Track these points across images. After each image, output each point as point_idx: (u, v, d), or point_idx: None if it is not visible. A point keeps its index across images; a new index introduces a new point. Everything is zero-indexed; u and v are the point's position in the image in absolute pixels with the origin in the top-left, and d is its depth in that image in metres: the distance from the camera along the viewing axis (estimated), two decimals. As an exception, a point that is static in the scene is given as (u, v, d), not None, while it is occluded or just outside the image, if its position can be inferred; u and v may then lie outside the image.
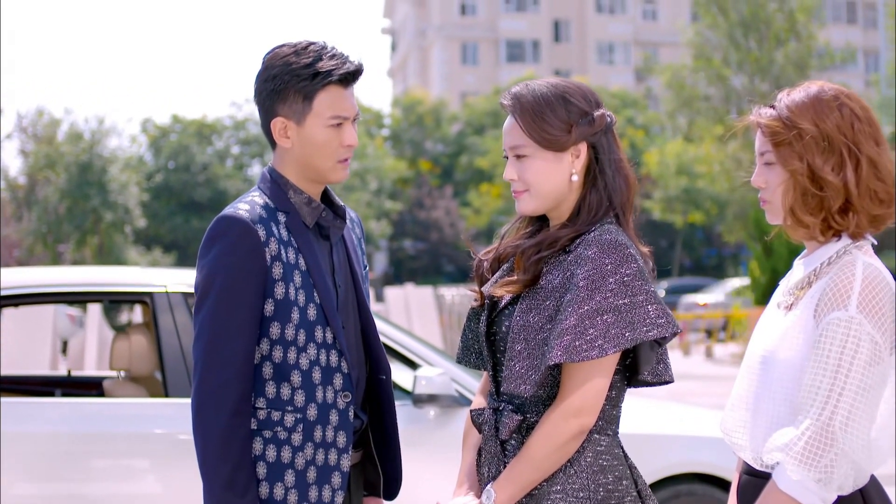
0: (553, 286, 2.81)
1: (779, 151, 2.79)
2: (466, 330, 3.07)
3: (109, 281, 5.64)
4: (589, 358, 2.70)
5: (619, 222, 2.90)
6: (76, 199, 38.62)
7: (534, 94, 2.88)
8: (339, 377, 3.04)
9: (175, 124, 54.04)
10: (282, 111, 3.06)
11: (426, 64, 72.48)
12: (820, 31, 32.02)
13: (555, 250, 2.85)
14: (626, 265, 2.75)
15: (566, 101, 2.87)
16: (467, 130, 57.25)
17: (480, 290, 3.01)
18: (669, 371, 2.92)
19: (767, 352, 2.78)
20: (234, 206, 3.02)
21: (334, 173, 3.09)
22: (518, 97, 2.90)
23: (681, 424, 6.07)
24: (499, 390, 2.91)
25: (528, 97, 2.88)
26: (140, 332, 5.86)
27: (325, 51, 3.06)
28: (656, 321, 2.75)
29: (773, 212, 2.85)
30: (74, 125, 39.84)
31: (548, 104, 2.86)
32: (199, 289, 2.99)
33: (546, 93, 2.88)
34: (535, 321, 2.80)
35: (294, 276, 2.99)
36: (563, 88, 2.89)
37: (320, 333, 3.01)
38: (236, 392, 2.93)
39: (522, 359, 2.79)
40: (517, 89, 2.92)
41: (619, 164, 2.92)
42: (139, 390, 5.78)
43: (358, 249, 3.27)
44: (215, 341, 2.93)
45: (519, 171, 2.89)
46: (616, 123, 2.95)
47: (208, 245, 2.99)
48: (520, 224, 3.06)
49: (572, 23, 69.01)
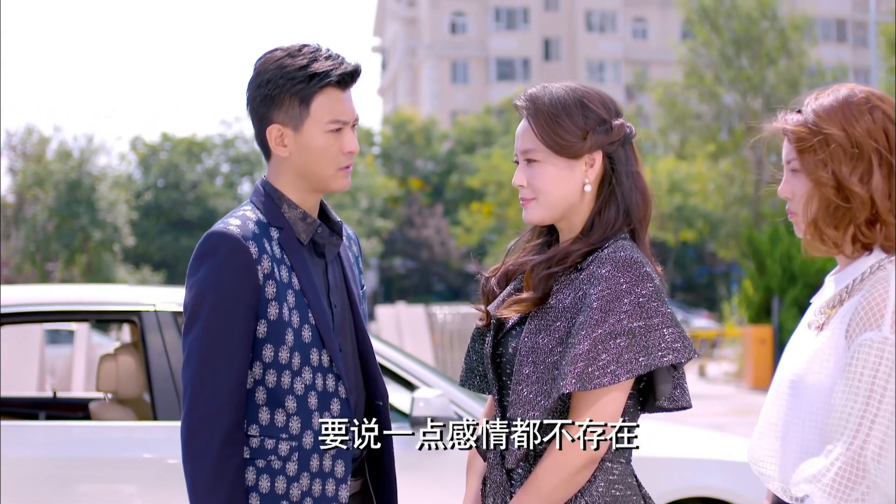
0: (564, 306, 2.66)
1: (804, 159, 2.62)
2: (471, 351, 2.91)
3: (96, 299, 5.50)
4: (601, 385, 2.55)
5: (635, 238, 2.75)
6: (65, 217, 38.67)
7: (550, 97, 2.73)
8: (336, 403, 2.88)
9: (165, 142, 54.16)
10: (277, 118, 2.90)
11: (416, 82, 72.51)
12: (812, 50, 32.12)
13: (566, 267, 2.70)
14: (641, 285, 2.60)
15: (584, 107, 2.72)
16: (458, 149, 57.19)
17: (486, 309, 2.85)
18: (687, 396, 2.75)
19: (796, 375, 2.61)
20: (224, 222, 2.86)
21: (336, 181, 2.93)
22: (534, 99, 2.75)
23: (685, 447, 5.91)
24: (505, 416, 2.74)
25: (544, 99, 2.73)
26: (128, 353, 5.71)
27: (321, 52, 2.91)
28: (672, 345, 2.60)
29: (800, 225, 2.68)
30: (63, 143, 40.00)
31: (564, 108, 2.71)
32: (188, 309, 2.83)
33: (563, 96, 2.73)
34: (545, 343, 2.64)
35: (287, 296, 2.84)
36: (581, 93, 2.74)
37: (316, 356, 2.86)
38: (228, 419, 2.77)
39: (531, 383, 2.63)
40: (533, 91, 2.77)
41: (637, 177, 2.77)
42: (127, 413, 5.63)
43: (355, 268, 3.12)
44: (205, 365, 2.78)
45: (529, 176, 2.74)
46: (635, 136, 2.80)
47: (197, 263, 2.83)
48: (529, 238, 2.90)
49: (562, 41, 69.14)
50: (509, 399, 2.69)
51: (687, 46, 33.27)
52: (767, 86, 31.13)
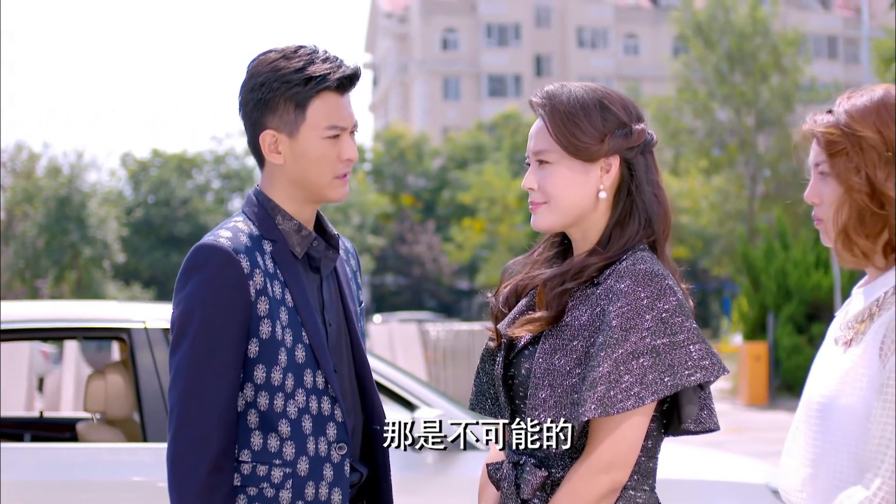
0: (581, 323, 2.48)
1: (834, 163, 2.44)
2: (480, 372, 2.73)
3: (84, 316, 5.32)
4: (624, 409, 2.37)
5: (655, 251, 2.58)
6: (54, 233, 38.63)
7: (569, 95, 2.57)
8: (332, 427, 2.72)
9: (155, 158, 54.13)
10: (271, 123, 2.74)
11: (408, 98, 72.49)
12: (806, 66, 32.18)
13: (581, 281, 2.52)
14: (663, 299, 2.43)
15: (604, 108, 2.55)
16: (449, 165, 57.10)
17: (496, 327, 2.67)
18: (714, 417, 2.58)
19: (826, 398, 2.42)
20: (214, 234, 2.70)
21: (333, 190, 2.77)
22: (551, 96, 2.58)
23: (697, 468, 5.69)
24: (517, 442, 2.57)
25: (561, 97, 2.57)
26: (117, 372, 5.52)
27: (317, 55, 2.75)
28: (700, 363, 2.43)
29: (828, 232, 2.50)
30: (53, 159, 40.05)
31: (583, 107, 2.54)
32: (176, 326, 2.66)
33: (583, 95, 2.56)
34: (562, 364, 2.46)
35: (280, 313, 2.67)
36: (602, 94, 2.58)
37: (310, 377, 2.69)
38: (217, 445, 2.61)
39: (548, 408, 2.46)
40: (551, 88, 2.60)
41: (658, 187, 2.61)
42: (115, 434, 5.43)
43: (352, 283, 2.95)
44: (193, 387, 2.62)
45: (540, 179, 2.58)
46: (657, 144, 2.63)
47: (185, 277, 2.67)
48: (541, 251, 2.73)
49: (554, 57, 69.18)
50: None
51: (681, 61, 33.28)
52: (761, 101, 31.12)
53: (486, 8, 68.36)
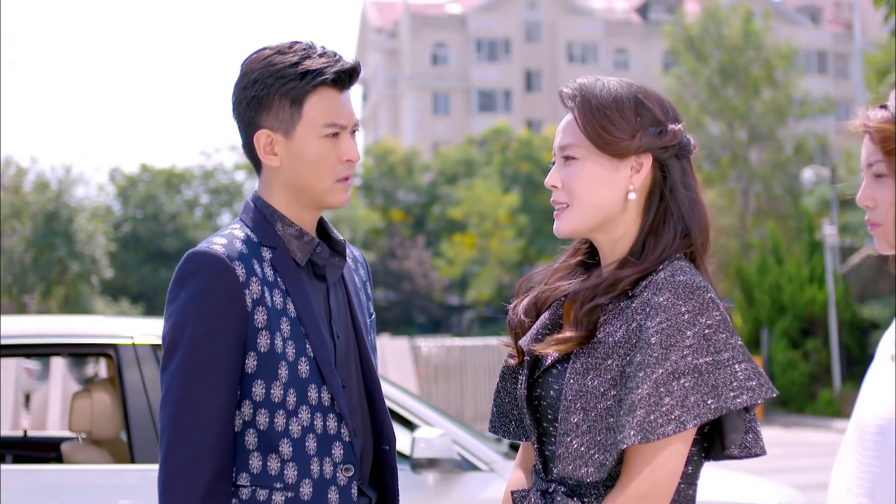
0: (615, 340, 2.26)
1: (890, 161, 2.24)
2: (501, 392, 2.51)
3: (69, 331, 5.09)
4: (665, 434, 2.15)
5: (693, 262, 2.36)
6: (42, 249, 38.56)
7: (602, 88, 2.37)
8: (338, 447, 2.50)
9: (143, 173, 54.13)
10: (266, 122, 2.55)
11: (398, 113, 72.42)
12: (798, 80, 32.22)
13: (614, 295, 2.30)
14: (706, 314, 2.21)
15: (638, 104, 2.36)
16: (439, 180, 56.95)
17: (517, 344, 2.45)
18: (760, 442, 2.36)
19: (883, 419, 2.21)
20: (208, 241, 2.50)
21: (333, 195, 2.58)
22: (583, 88, 2.38)
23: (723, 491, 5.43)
24: (548, 469, 2.35)
25: (594, 89, 2.37)
26: (103, 389, 5.31)
27: (314, 49, 2.58)
28: (746, 384, 2.21)
29: (884, 238, 2.28)
30: (41, 174, 39.99)
31: (616, 100, 2.35)
32: (167, 340, 2.45)
33: (617, 89, 2.37)
34: (595, 385, 2.24)
35: (281, 324, 2.47)
36: (637, 89, 2.38)
37: (314, 394, 2.48)
38: (211, 468, 2.40)
39: (581, 434, 2.24)
40: (584, 80, 2.41)
41: (695, 194, 2.39)
42: (102, 455, 5.22)
43: (361, 294, 2.74)
44: (185, 405, 2.41)
45: (564, 176, 2.37)
46: (696, 150, 2.42)
47: (177, 287, 2.47)
48: (564, 259, 2.51)
49: (544, 72, 69.19)
50: (554, 450, 2.30)
51: (673, 75, 33.24)
52: (753, 115, 31.09)
53: (476, 23, 68.38)
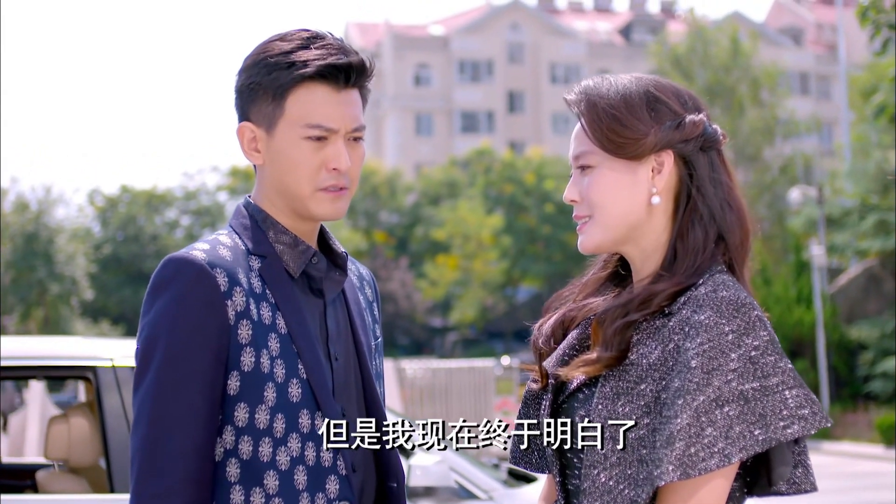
0: (649, 362, 2.02)
1: None
2: (523, 419, 2.25)
3: (45, 353, 4.87)
4: (707, 469, 1.92)
5: (733, 272, 2.12)
6: (21, 270, 38.45)
7: (609, 87, 2.14)
8: (333, 481, 2.20)
9: (124, 194, 54.01)
10: (251, 114, 2.28)
11: (380, 134, 72.45)
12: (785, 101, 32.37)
13: (649, 312, 2.06)
14: (752, 334, 1.98)
15: (652, 98, 2.13)
16: (423, 201, 56.90)
17: (541, 366, 2.21)
18: (811, 477, 2.11)
19: None
20: (189, 246, 2.22)
21: (317, 205, 2.27)
22: (587, 91, 2.15)
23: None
24: (570, 502, 2.11)
25: (600, 90, 2.14)
26: (81, 414, 5.06)
27: (319, 39, 2.27)
28: (797, 412, 1.97)
29: None
30: (21, 195, 39.87)
31: (624, 98, 2.12)
32: (139, 356, 2.17)
33: (626, 85, 2.14)
34: (626, 412, 2.01)
35: (269, 341, 2.18)
36: (650, 82, 2.15)
37: (307, 420, 2.19)
38: (185, 500, 2.11)
39: (609, 466, 2.01)
40: (589, 81, 2.17)
41: (729, 190, 2.14)
42: (79, 484, 4.98)
43: (366, 314, 2.45)
44: (157, 429, 2.12)
45: (581, 188, 2.14)
46: (726, 140, 2.19)
47: (151, 297, 2.18)
48: (594, 272, 2.27)
49: (526, 93, 69.38)
50: (578, 485, 2.06)
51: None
52: (740, 136, 31.15)
53: (459, 44, 68.55)
